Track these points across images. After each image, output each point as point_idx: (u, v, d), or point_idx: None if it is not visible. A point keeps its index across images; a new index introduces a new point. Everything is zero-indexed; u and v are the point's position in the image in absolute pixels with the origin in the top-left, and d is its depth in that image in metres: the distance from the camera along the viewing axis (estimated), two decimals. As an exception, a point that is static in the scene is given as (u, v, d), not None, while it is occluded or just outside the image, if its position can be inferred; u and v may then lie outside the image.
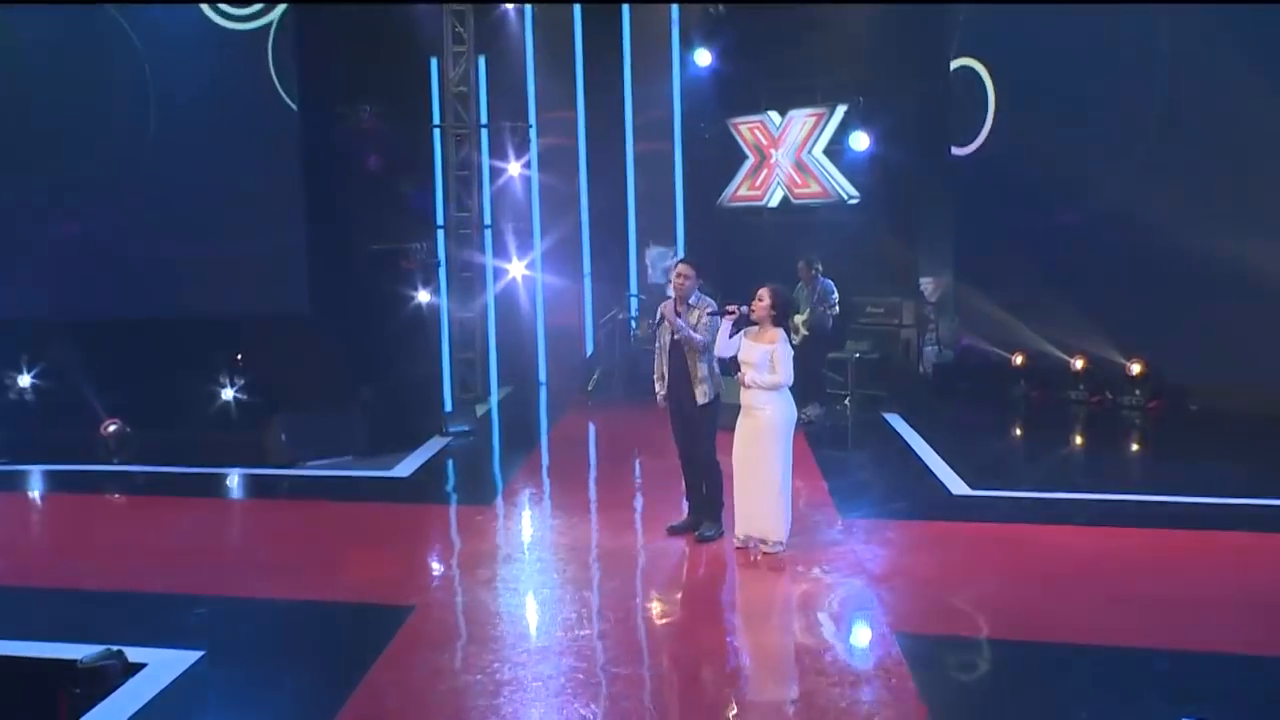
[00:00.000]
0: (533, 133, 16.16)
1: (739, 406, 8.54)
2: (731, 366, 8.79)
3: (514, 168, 15.95)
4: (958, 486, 10.43)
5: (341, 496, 10.70)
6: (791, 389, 8.48)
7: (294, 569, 8.48)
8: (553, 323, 17.04)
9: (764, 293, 8.47)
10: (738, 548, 8.64)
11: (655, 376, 9.02)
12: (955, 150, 15.14)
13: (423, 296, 13.68)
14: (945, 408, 14.51)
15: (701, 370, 8.72)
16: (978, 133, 14.88)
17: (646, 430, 13.03)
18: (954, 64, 15.16)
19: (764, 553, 8.50)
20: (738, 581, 8.22)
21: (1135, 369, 13.83)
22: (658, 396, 8.99)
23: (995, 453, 12.24)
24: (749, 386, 8.43)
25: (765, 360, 8.37)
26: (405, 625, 7.20)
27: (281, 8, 14.03)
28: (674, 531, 9.06)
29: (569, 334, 17.13)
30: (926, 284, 16.01)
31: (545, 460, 12.37)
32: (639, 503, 10.40)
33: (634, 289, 16.86)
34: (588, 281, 17.02)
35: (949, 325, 16.16)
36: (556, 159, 16.80)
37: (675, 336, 8.72)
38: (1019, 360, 14.87)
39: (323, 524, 9.76)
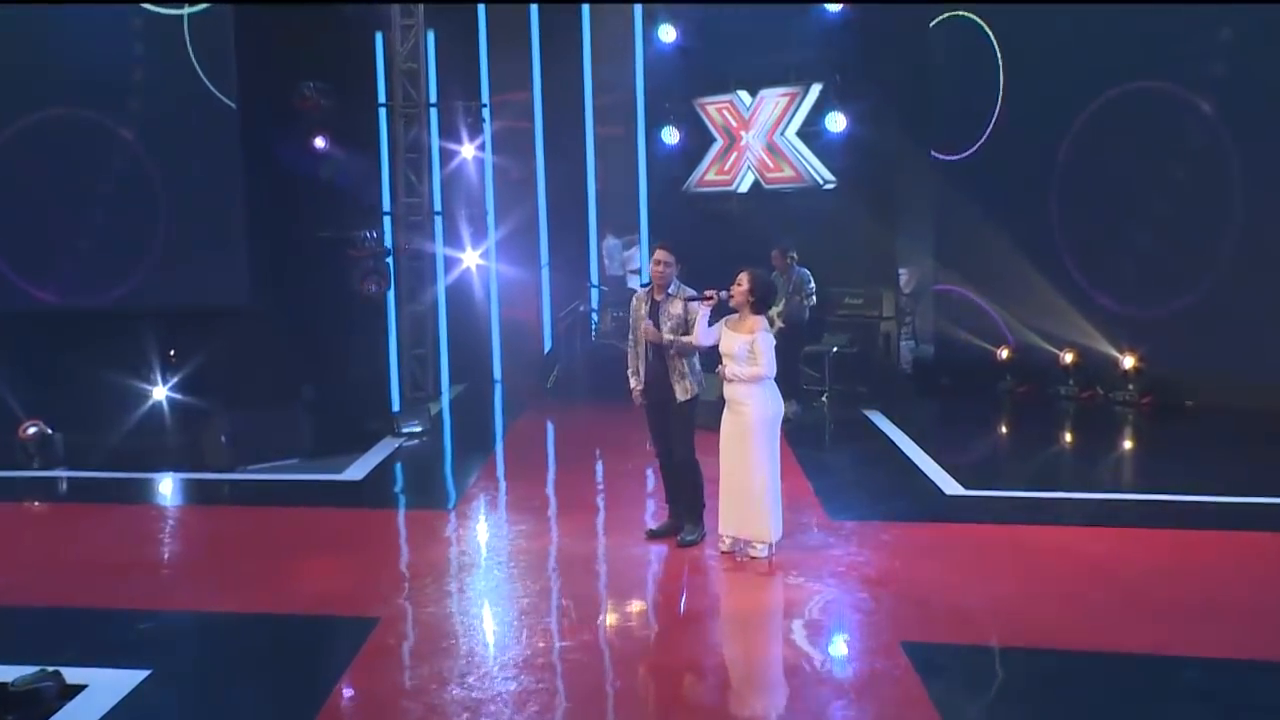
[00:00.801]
0: (486, 112, 15.90)
1: (722, 401, 8.37)
2: (713, 359, 8.61)
3: (467, 150, 15.66)
4: (950, 486, 10.34)
5: (290, 502, 10.44)
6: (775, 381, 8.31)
7: (244, 580, 8.18)
8: (508, 316, 16.85)
9: (743, 277, 8.29)
10: (723, 552, 8.46)
11: (629, 372, 8.80)
12: (939, 155, 15.09)
13: (374, 287, 13.33)
14: (927, 404, 14.46)
15: (683, 366, 8.52)
16: (979, 128, 14.76)
17: (612, 429, 13.09)
18: (946, 15, 14.99)
19: (751, 557, 8.32)
20: (724, 589, 8.03)
21: (1128, 363, 13.81)
22: (633, 394, 8.76)
23: (985, 451, 12.18)
24: (729, 380, 8.25)
25: (744, 351, 8.19)
26: (370, 639, 6.93)
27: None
28: (654, 536, 8.87)
29: (525, 328, 16.93)
30: (901, 274, 15.97)
31: (506, 462, 12.15)
32: (612, 506, 10.16)
33: (595, 279, 16.66)
34: (545, 272, 16.78)
35: (925, 318, 16.11)
36: (512, 142, 16.58)
37: (671, 348, 8.46)
38: (1004, 354, 14.82)
39: (271, 531, 9.47)
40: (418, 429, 12.95)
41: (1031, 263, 14.34)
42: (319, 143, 13.25)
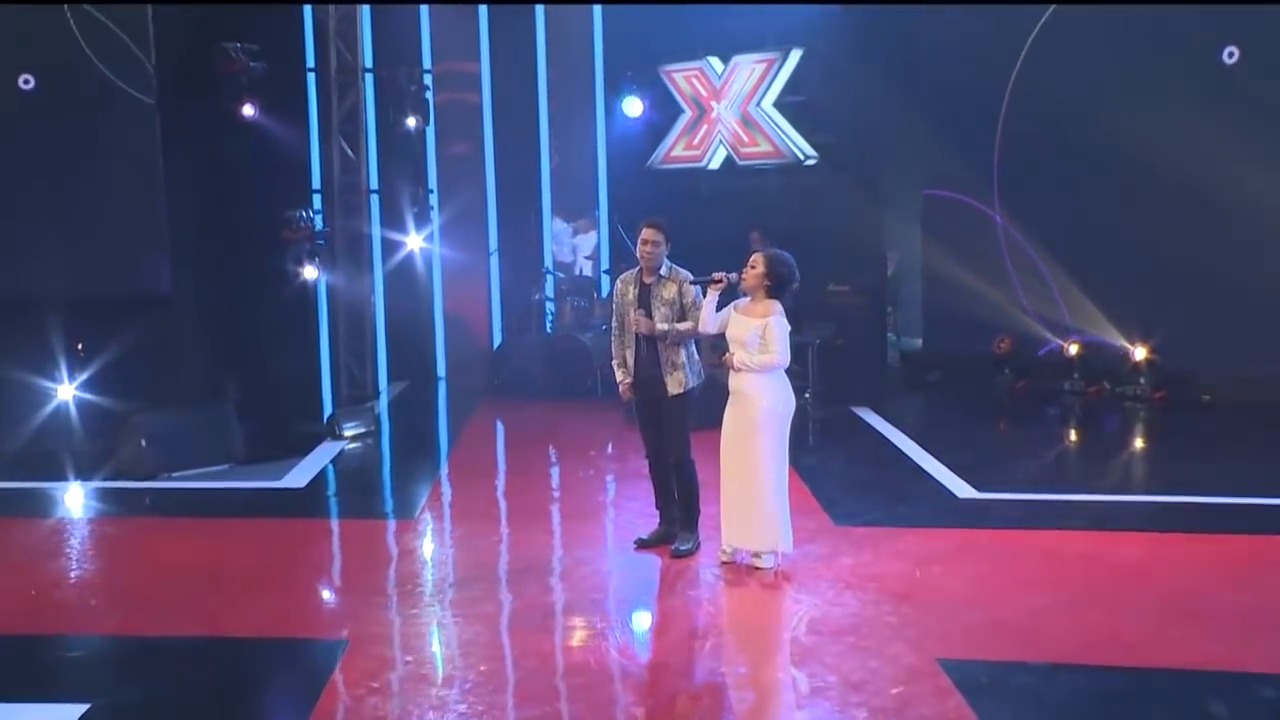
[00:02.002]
0: (428, 78, 15.58)
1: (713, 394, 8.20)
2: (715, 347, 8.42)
3: (410, 123, 15.33)
4: (961, 489, 10.26)
5: (225, 512, 10.11)
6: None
7: (184, 601, 7.84)
8: (453, 307, 16.56)
9: (757, 259, 8.13)
10: (723, 563, 8.27)
11: (615, 364, 8.60)
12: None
13: (308, 274, 13.01)
14: (920, 401, 14.39)
15: (678, 355, 8.32)
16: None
17: (576, 430, 13.05)
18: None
19: (755, 568, 8.13)
20: (731, 603, 7.86)
21: (1140, 355, 13.79)
22: (620, 388, 8.55)
23: (993, 451, 12.09)
24: (737, 369, 8.06)
25: (756, 337, 8.01)
26: (341, 663, 6.64)
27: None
28: (644, 545, 8.66)
29: (473, 320, 16.66)
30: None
31: (466, 466, 11.89)
32: (591, 513, 9.93)
33: (550, 265, 16.41)
34: (494, 259, 16.50)
35: (910, 306, 16.00)
36: (457, 116, 16.28)
37: (665, 338, 8.26)
38: (1003, 346, 14.75)
39: (207, 545, 9.12)
40: (361, 431, 12.66)
41: (1031, 241, 14.34)
42: (247, 110, 12.89)
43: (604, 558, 8.64)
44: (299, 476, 11.10)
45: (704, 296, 8.24)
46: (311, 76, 14.30)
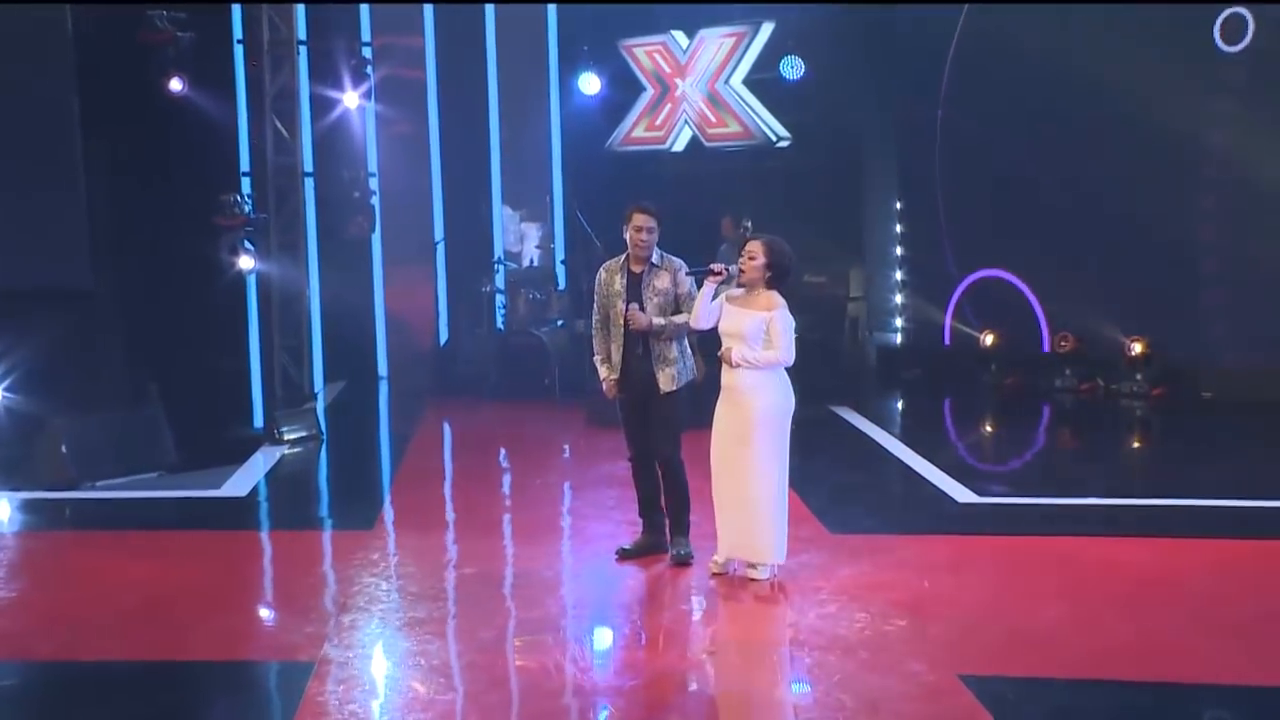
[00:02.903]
0: (367, 51, 15.37)
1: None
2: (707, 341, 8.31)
3: (350, 98, 15.11)
4: (960, 493, 10.26)
5: (161, 524, 9.91)
6: None
7: (126, 621, 7.62)
8: (396, 300, 16.40)
9: (756, 247, 8.01)
10: (715, 575, 8.16)
11: (597, 360, 8.50)
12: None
13: (244, 264, 12.77)
14: (902, 400, 14.36)
15: (670, 349, 8.21)
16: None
17: (536, 433, 13.03)
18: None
19: (750, 579, 8.03)
20: (726, 619, 7.76)
21: (1136, 349, 13.83)
22: (604, 385, 8.45)
23: (988, 453, 12.21)
24: (736, 365, 7.94)
25: (759, 331, 7.90)
26: (308, 691, 6.44)
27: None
28: (626, 556, 8.53)
29: (416, 315, 16.47)
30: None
31: (422, 473, 11.77)
32: (560, 523, 9.79)
33: (501, 255, 16.23)
34: (440, 249, 16.31)
35: (884, 297, 15.96)
36: (400, 93, 16.08)
37: (662, 333, 8.18)
38: (989, 341, 14.76)
39: (149, 560, 8.85)
40: (302, 435, 12.46)
41: (1019, 230, 14.34)
42: (175, 85, 12.66)
43: (585, 570, 8.51)
44: (239, 484, 10.91)
45: (698, 288, 8.12)
46: (240, 49, 14.09)
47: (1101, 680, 6.66)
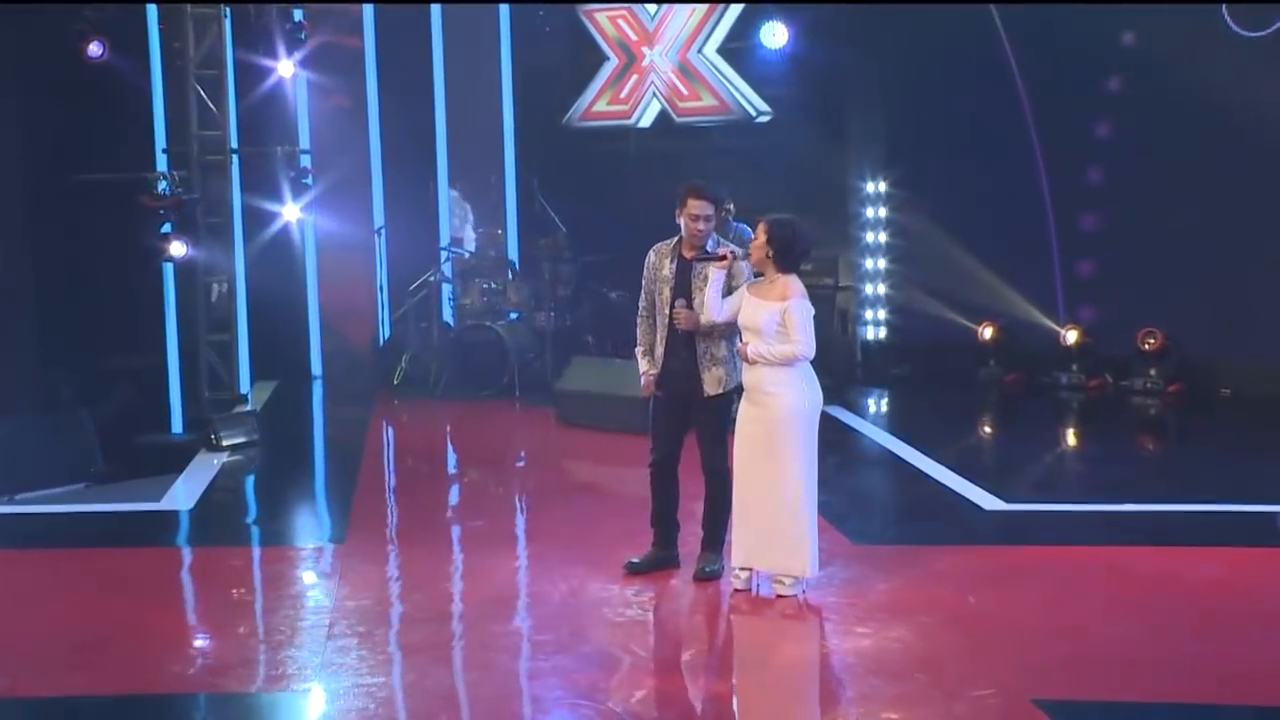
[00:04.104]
0: (298, 13, 15.03)
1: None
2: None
3: (285, 67, 14.76)
4: (984, 499, 10.18)
5: (101, 541, 9.63)
6: None
7: (93, 649, 7.32)
8: (331, 292, 16.12)
9: (760, 226, 7.87)
10: (737, 590, 8.02)
11: (639, 352, 8.37)
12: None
13: (175, 250, 12.45)
14: (896, 398, 14.32)
15: (720, 348, 8.07)
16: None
17: (501, 435, 12.98)
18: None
19: (778, 595, 7.87)
20: (760, 640, 7.65)
21: (1150, 343, 13.84)
22: (643, 380, 8.32)
23: (1001, 455, 12.13)
24: (754, 361, 7.80)
25: (774, 324, 7.77)
26: (310, 724, 6.22)
27: None
28: (635, 571, 8.36)
29: (354, 307, 16.18)
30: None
31: (382, 480, 11.66)
32: (551, 533, 9.55)
33: (446, 241, 15.96)
34: (381, 238, 16.02)
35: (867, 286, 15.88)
36: (335, 62, 15.74)
37: (712, 333, 8.04)
38: (988, 334, 14.73)
39: (94, 581, 8.57)
40: (242, 441, 12.19)
41: (1019, 214, 14.34)
42: (94, 49, 12.38)
43: (589, 586, 8.25)
44: (181, 496, 10.66)
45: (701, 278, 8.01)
46: (152, 10, 13.79)
47: (1190, 704, 6.62)
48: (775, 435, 7.80)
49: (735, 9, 15.05)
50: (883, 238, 15.59)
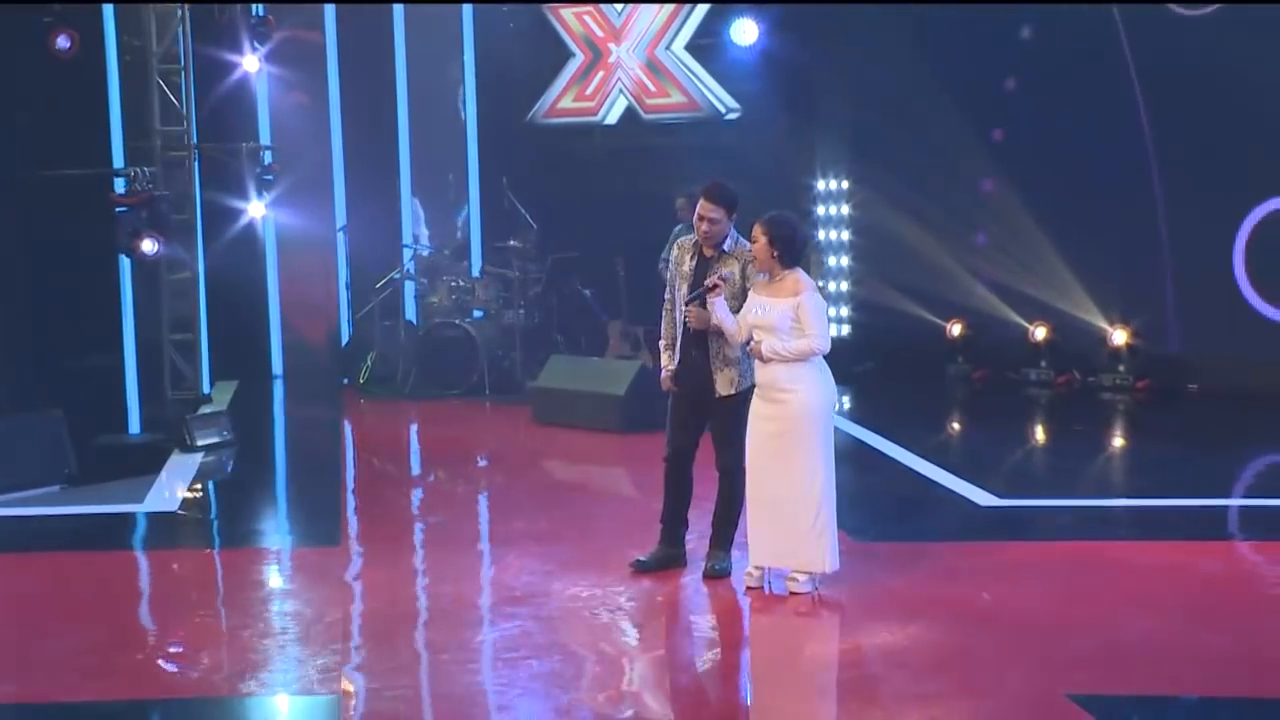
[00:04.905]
0: (259, 9, 14.84)
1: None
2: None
3: (250, 62, 14.56)
4: (978, 495, 10.19)
5: (89, 544, 9.44)
6: None
7: (97, 654, 7.14)
8: (292, 290, 15.92)
9: (756, 230, 7.81)
10: (750, 589, 7.95)
11: (662, 345, 8.31)
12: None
13: (146, 248, 12.19)
14: (863, 395, 14.35)
15: (733, 349, 8.00)
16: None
17: (478, 433, 13.04)
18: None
19: (792, 593, 7.81)
20: (780, 638, 7.56)
21: (1119, 339, 13.93)
22: (663, 375, 8.25)
23: (984, 451, 12.16)
24: (768, 360, 7.72)
25: (787, 319, 7.69)
26: (346, 728, 6.09)
27: None
28: (643, 569, 8.28)
29: (315, 306, 16.00)
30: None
31: (371, 482, 11.58)
32: (552, 532, 9.41)
33: (409, 239, 15.79)
34: (341, 237, 15.83)
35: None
36: (295, 58, 15.54)
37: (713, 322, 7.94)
38: (956, 330, 14.77)
39: (91, 583, 8.44)
40: (216, 441, 12.00)
41: (987, 211, 14.42)
42: (62, 43, 12.13)
43: (598, 585, 8.13)
44: (163, 498, 10.48)
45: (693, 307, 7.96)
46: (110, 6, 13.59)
47: (1227, 697, 6.62)
48: (793, 432, 7.73)
49: (704, 6, 14.98)
50: (845, 235, 15.62)
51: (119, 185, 12.63)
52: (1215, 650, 7.09)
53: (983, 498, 10.09)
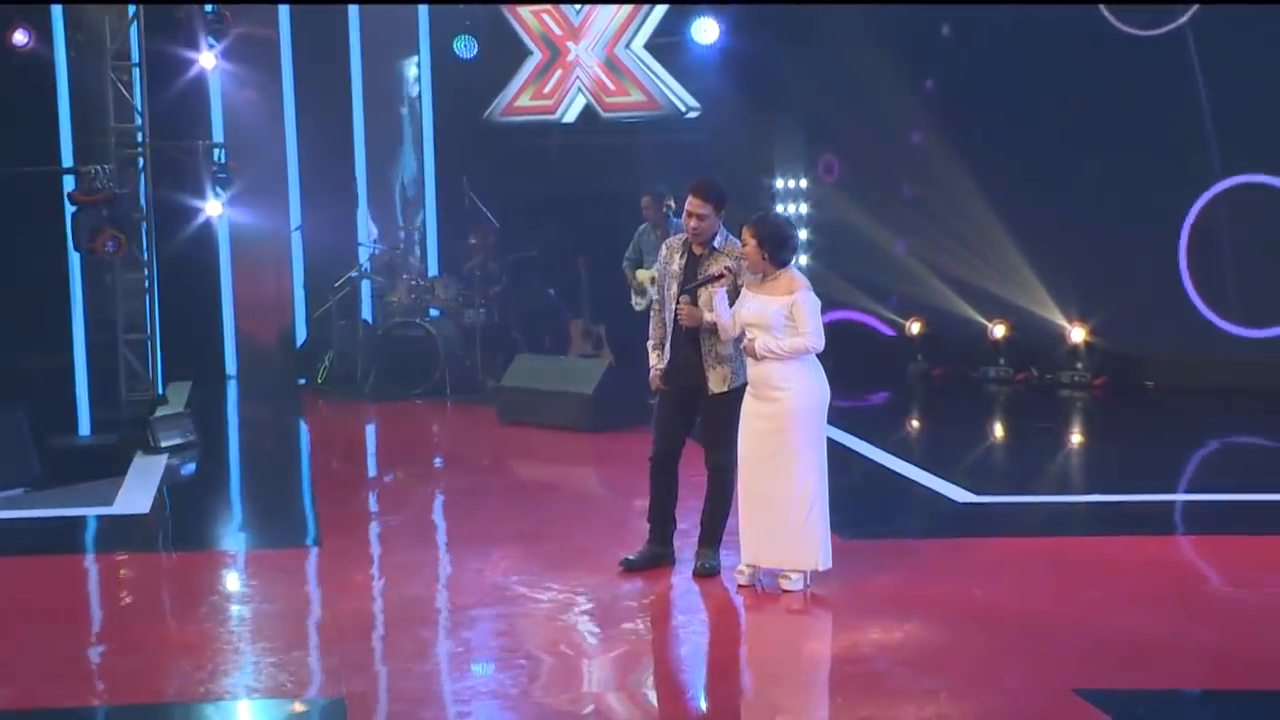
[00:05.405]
0: (209, 8, 14.64)
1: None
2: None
3: (206, 59, 14.37)
4: (953, 492, 10.22)
5: (69, 547, 9.37)
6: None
7: (84, 661, 7.06)
8: (245, 291, 15.78)
9: (745, 230, 7.79)
10: (741, 586, 7.93)
11: (650, 345, 8.26)
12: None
13: (107, 246, 11.98)
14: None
15: (725, 346, 7.97)
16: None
17: (444, 433, 13.09)
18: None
19: (785, 590, 7.79)
20: (778, 636, 7.52)
21: (1077, 336, 14.04)
22: (651, 375, 8.22)
23: (955, 448, 12.19)
24: (762, 357, 7.70)
25: (781, 317, 7.67)
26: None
27: None
28: (632, 568, 8.22)
29: (269, 305, 15.84)
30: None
31: (338, 482, 11.37)
32: (536, 534, 9.32)
33: (364, 238, 15.63)
34: (297, 236, 15.67)
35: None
36: (249, 55, 15.36)
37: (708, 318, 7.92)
38: (915, 328, 14.83)
39: (69, 588, 8.34)
40: (180, 443, 11.84)
41: (946, 210, 14.47)
42: (19, 38, 11.99)
43: (588, 584, 8.03)
44: (134, 500, 10.28)
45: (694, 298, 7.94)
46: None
47: (1228, 690, 6.64)
48: (786, 430, 7.70)
49: (663, 5, 14.95)
50: (804, 234, 15.60)
51: (69, 183, 12.44)
52: (1211, 644, 7.14)
53: (959, 494, 10.12)
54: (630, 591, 7.94)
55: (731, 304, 7.87)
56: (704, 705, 6.67)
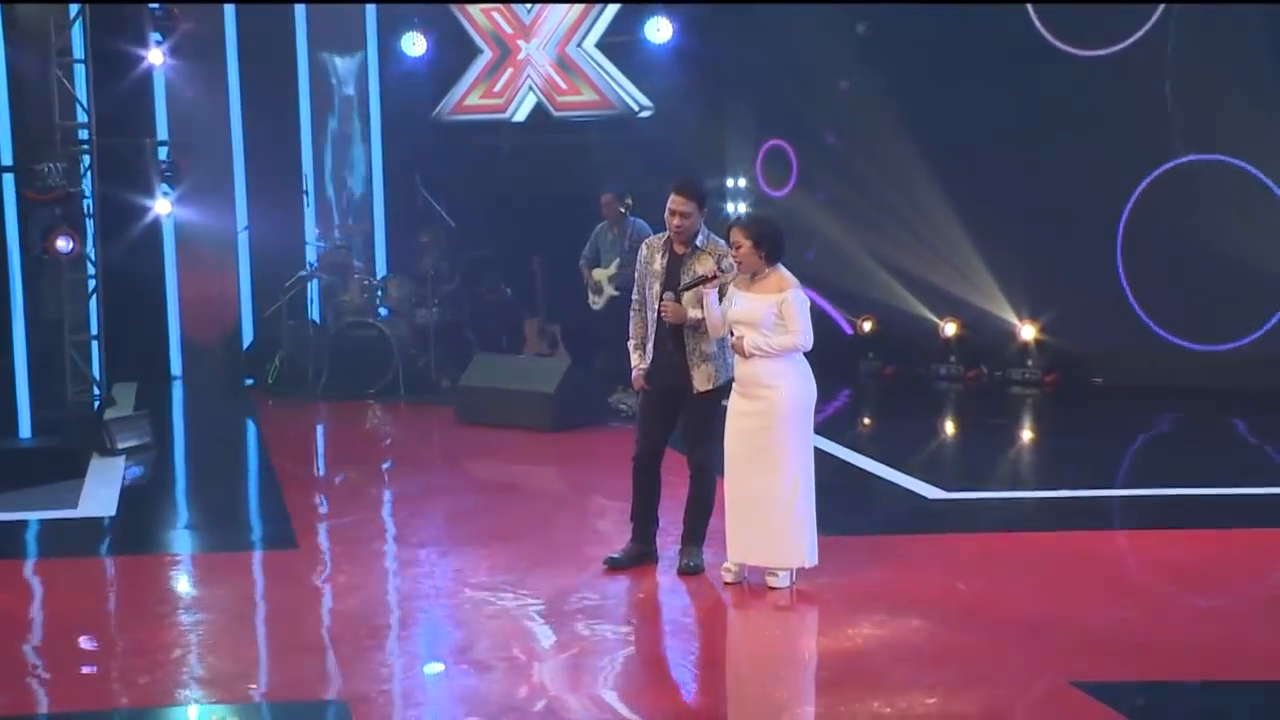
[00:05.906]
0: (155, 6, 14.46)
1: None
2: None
3: (154, 55, 14.19)
4: (922, 489, 10.27)
5: (41, 551, 9.33)
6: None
7: (76, 666, 6.96)
8: (191, 291, 15.57)
9: (738, 234, 7.77)
10: (727, 585, 7.92)
11: (631, 345, 8.22)
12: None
13: (60, 246, 11.81)
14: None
15: (709, 344, 7.95)
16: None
17: (402, 433, 13.01)
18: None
19: (772, 587, 7.80)
20: (772, 632, 7.52)
21: (1027, 334, 14.17)
22: (634, 375, 8.17)
23: (917, 445, 12.24)
24: (750, 355, 7.70)
25: (771, 315, 7.69)
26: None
27: None
28: (616, 566, 8.21)
29: (213, 304, 15.63)
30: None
31: (308, 482, 11.32)
32: (514, 534, 9.26)
33: (311, 237, 15.46)
34: (244, 236, 15.48)
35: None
36: (193, 52, 15.15)
37: (699, 327, 7.91)
38: (867, 326, 14.91)
39: (57, 594, 8.23)
40: (136, 444, 11.69)
41: (900, 208, 14.57)
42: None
43: (574, 584, 8.00)
44: (97, 503, 10.12)
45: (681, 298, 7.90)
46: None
47: (1219, 681, 6.70)
48: (775, 427, 7.71)
49: (616, 4, 14.93)
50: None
51: (8, 181, 12.27)
52: (1202, 636, 7.18)
53: (928, 491, 10.16)
54: (617, 590, 7.93)
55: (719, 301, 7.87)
56: (706, 700, 6.67)
